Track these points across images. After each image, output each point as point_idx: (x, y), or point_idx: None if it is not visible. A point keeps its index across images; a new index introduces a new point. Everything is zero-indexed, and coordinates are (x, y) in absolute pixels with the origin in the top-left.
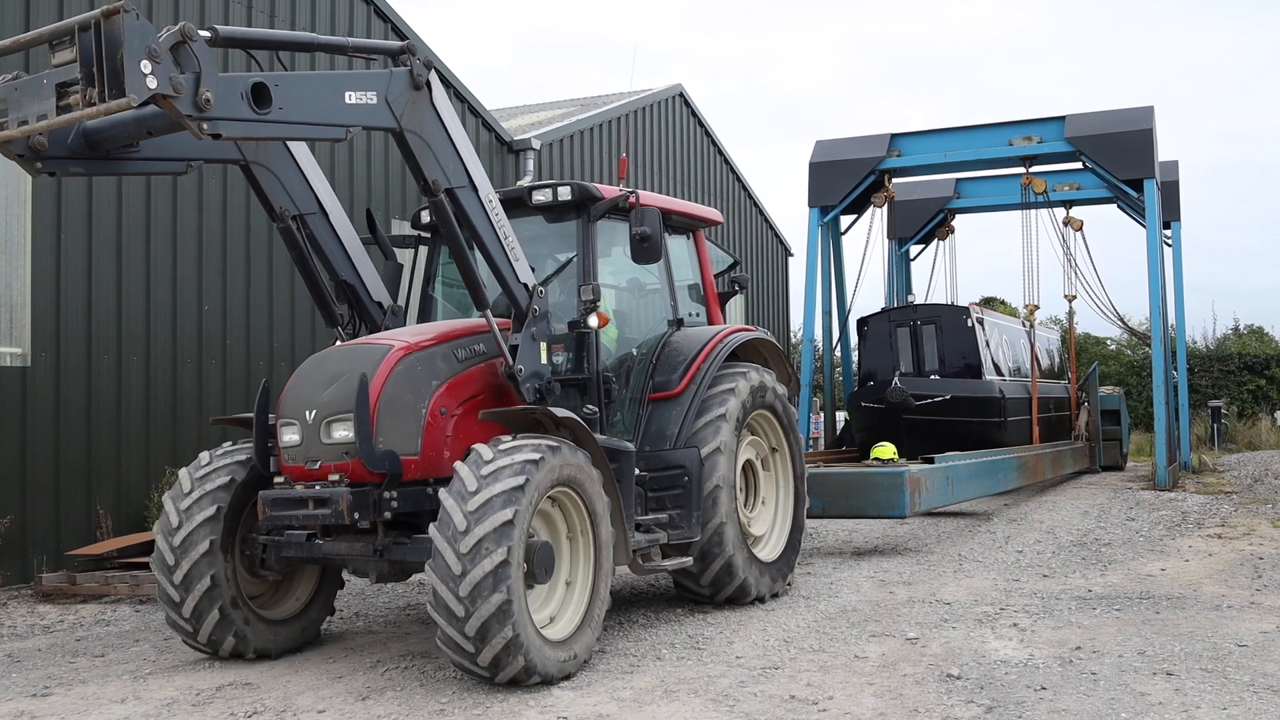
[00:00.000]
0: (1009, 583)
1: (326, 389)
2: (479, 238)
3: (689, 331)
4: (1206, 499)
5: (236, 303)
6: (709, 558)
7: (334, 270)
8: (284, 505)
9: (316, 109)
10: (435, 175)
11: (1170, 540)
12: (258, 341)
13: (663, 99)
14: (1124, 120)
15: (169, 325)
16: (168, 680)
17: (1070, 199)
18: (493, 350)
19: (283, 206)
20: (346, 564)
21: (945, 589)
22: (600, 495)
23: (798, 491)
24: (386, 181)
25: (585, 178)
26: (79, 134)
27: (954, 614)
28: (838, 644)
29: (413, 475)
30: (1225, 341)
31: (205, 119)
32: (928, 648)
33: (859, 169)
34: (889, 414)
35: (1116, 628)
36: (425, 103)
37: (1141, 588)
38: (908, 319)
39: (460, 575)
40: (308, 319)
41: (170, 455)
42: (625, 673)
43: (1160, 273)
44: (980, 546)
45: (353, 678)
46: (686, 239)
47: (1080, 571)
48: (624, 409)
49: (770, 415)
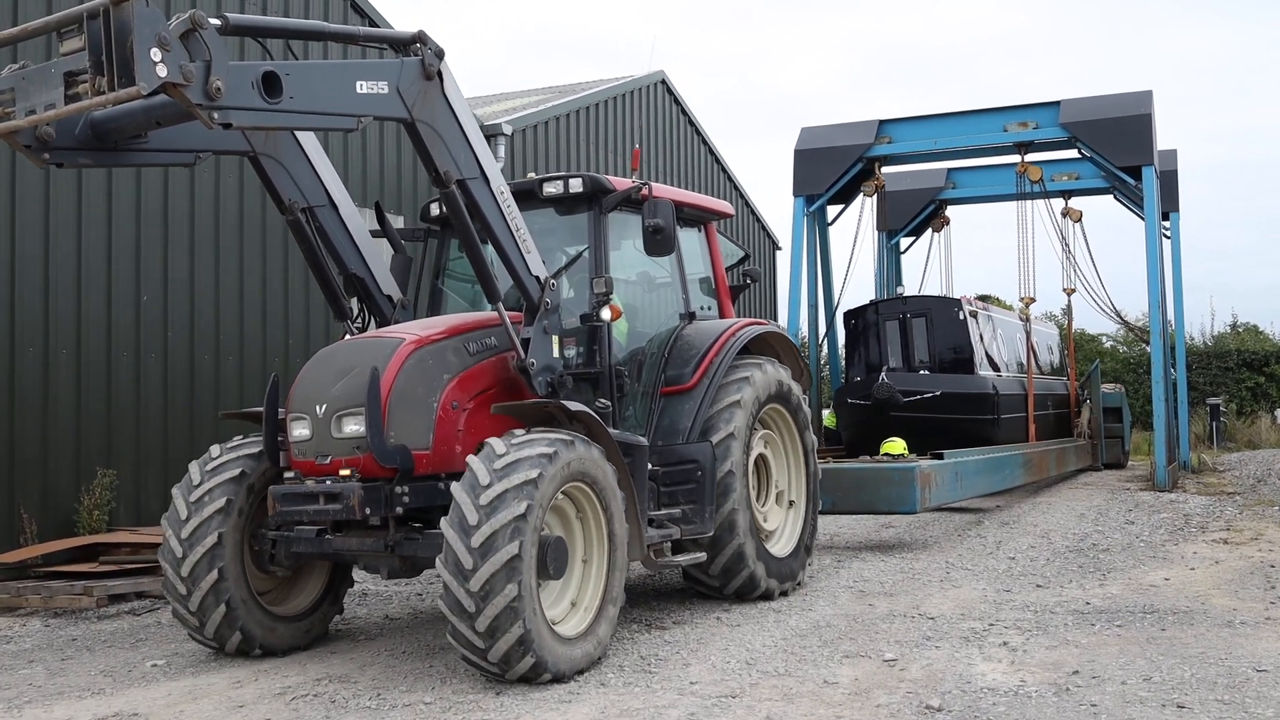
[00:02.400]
0: (999, 594)
1: (337, 383)
2: (490, 230)
3: (701, 325)
4: (1209, 500)
5: (180, 294)
6: (720, 545)
7: (343, 263)
8: (294, 500)
9: (327, 99)
10: (447, 166)
11: (1173, 546)
12: (204, 335)
13: (644, 85)
14: (1122, 105)
15: (104, 315)
16: (46, 711)
17: (1067, 189)
18: (504, 344)
19: (292, 199)
20: (357, 560)
21: (930, 601)
22: (615, 490)
23: (810, 487)
24: (381, 176)
25: (560, 166)
26: (87, 124)
27: (938, 630)
28: (806, 666)
29: (424, 470)
30: (1223, 338)
31: (216, 108)
32: (907, 671)
33: (846, 156)
34: (876, 411)
35: (1118, 647)
36: (437, 93)
37: (1144, 600)
38: (896, 312)
39: (471, 570)
40: (236, 308)
41: (104, 455)
42: (562, 702)
43: (1159, 264)
44: (970, 552)
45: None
46: (698, 232)
47: (1077, 581)
48: (636, 403)
49: (783, 409)
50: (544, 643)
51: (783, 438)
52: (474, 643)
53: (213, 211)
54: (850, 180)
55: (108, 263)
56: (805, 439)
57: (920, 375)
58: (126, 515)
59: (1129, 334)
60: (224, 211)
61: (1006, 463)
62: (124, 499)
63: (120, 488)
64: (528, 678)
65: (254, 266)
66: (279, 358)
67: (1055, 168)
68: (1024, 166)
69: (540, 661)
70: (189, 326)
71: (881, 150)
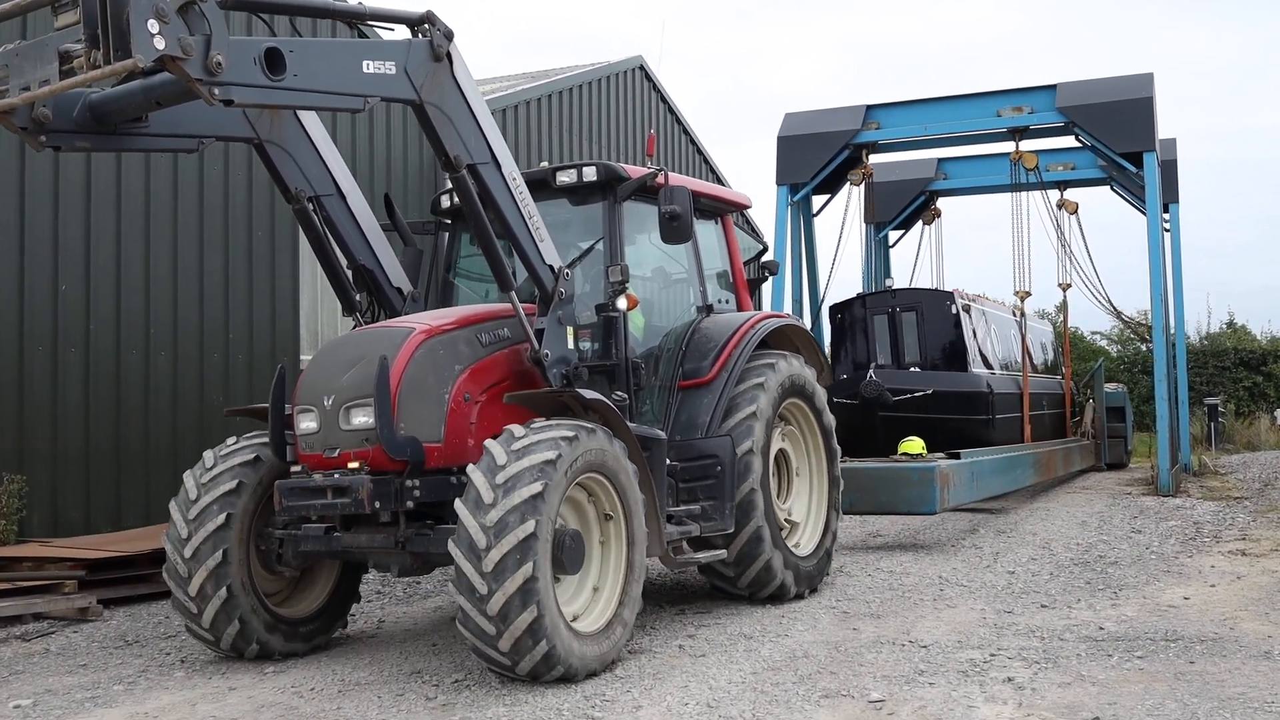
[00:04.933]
0: (1000, 615)
1: (345, 373)
2: (502, 217)
3: (719, 318)
4: (1217, 506)
5: (105, 285)
6: (740, 541)
7: (352, 254)
8: (301, 495)
9: (332, 77)
10: (457, 150)
11: (1187, 558)
12: (132, 328)
13: (620, 70)
14: (1121, 88)
15: (15, 308)
16: None
17: (1062, 180)
18: (517, 335)
19: (298, 187)
20: (367, 557)
21: (922, 624)
22: (634, 485)
23: (831, 480)
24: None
25: (531, 152)
26: (85, 106)
27: (932, 662)
28: (778, 709)
29: (435, 463)
30: (1220, 336)
31: (216, 83)
32: (896, 716)
33: (832, 143)
34: (864, 411)
35: (1142, 685)
36: (446, 75)
37: (1165, 624)
38: (885, 306)
39: (485, 549)
40: (169, 303)
41: (14, 458)
42: None
43: (1162, 257)
44: (964, 565)
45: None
46: (715, 224)
47: (1086, 600)
48: (653, 397)
49: (803, 404)
50: (557, 633)
51: (803, 433)
52: (484, 629)
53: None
54: (836, 169)
55: (19, 253)
56: (826, 434)
57: (910, 373)
58: (41, 526)
59: (1123, 333)
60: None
61: (1018, 463)
62: (39, 506)
63: (33, 494)
64: (537, 673)
65: (189, 257)
66: (218, 353)
67: (1050, 157)
68: (1019, 154)
69: (553, 652)
70: (114, 317)
71: (869, 136)
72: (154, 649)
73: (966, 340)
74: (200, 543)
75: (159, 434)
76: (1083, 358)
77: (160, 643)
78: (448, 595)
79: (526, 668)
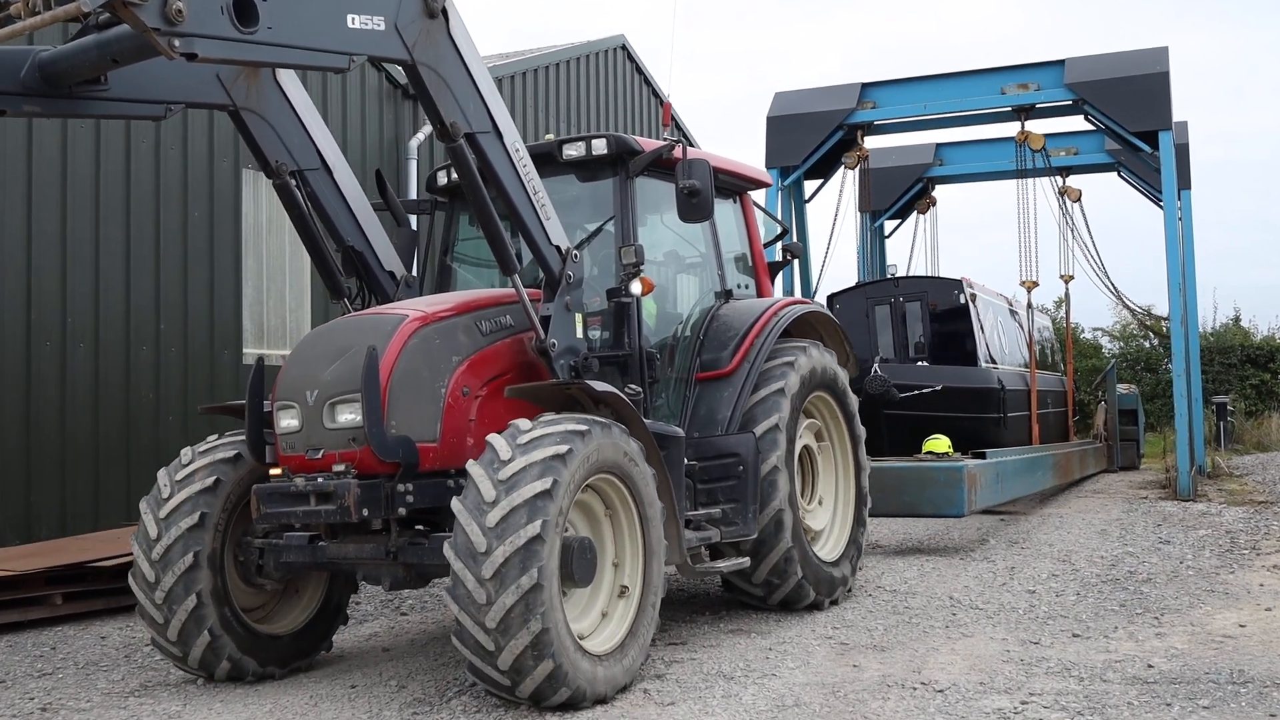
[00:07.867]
0: (1026, 648)
1: (330, 366)
2: (504, 192)
3: (739, 304)
4: (1244, 513)
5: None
6: (764, 549)
7: (339, 235)
8: (282, 501)
9: (312, 31)
10: (454, 117)
11: (1229, 574)
12: (48, 321)
13: (601, 50)
14: (1135, 63)
15: None
16: None
17: (1066, 165)
18: (521, 323)
19: (279, 160)
20: (355, 569)
21: (934, 659)
22: (650, 487)
23: (859, 482)
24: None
25: None
26: (34, 66)
27: (950, 710)
28: None
29: (430, 465)
30: (1224, 333)
31: (176, 34)
32: None
33: (825, 123)
34: (868, 408)
35: None
36: (441, 33)
37: (1226, 660)
38: (888, 295)
39: (485, 553)
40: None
41: None
42: None
43: (1179, 243)
44: (977, 583)
45: None
46: (733, 202)
47: (1124, 627)
48: (669, 391)
49: (829, 397)
50: (563, 649)
51: (829, 428)
52: (483, 644)
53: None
54: (830, 151)
55: None
56: (854, 430)
57: (918, 367)
58: None
59: (1126, 328)
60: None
61: (1040, 464)
62: None
63: None
64: (541, 694)
65: (114, 238)
66: (148, 346)
67: (1053, 142)
68: (1024, 134)
69: (559, 672)
70: (24, 305)
71: (864, 116)
72: None
73: (975, 332)
74: (171, 543)
75: (80, 434)
76: (1083, 355)
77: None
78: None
79: (529, 689)
